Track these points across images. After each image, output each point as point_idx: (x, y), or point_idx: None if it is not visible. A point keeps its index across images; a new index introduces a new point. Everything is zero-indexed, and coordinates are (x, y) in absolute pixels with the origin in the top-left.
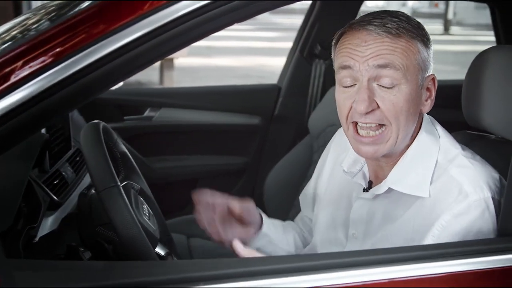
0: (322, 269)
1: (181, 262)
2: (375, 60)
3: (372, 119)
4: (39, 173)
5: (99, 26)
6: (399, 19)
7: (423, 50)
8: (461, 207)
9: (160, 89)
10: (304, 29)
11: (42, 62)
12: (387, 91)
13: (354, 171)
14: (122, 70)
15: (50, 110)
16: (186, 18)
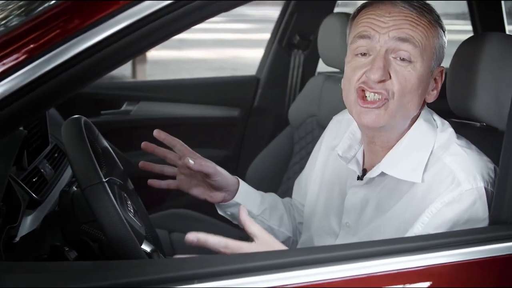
0: (311, 264)
1: (171, 260)
2: (396, 32)
3: (381, 89)
4: (17, 171)
5: (74, 21)
6: (426, 4)
7: (441, 38)
8: (453, 196)
9: (138, 83)
10: (282, 19)
11: (16, 60)
12: (402, 65)
13: (349, 157)
14: (100, 66)
15: (27, 110)
16: (166, 11)
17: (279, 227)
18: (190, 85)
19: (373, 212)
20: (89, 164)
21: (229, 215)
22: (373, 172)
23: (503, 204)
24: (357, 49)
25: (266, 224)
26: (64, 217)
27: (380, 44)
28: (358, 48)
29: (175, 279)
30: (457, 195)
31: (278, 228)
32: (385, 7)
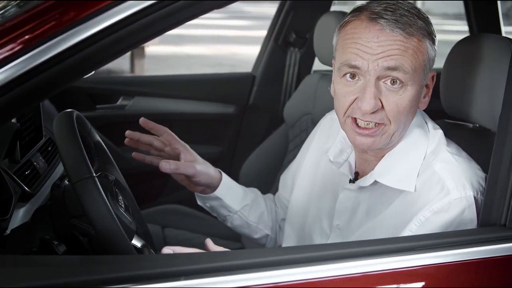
0: (302, 262)
1: (158, 256)
2: (385, 61)
3: (373, 119)
4: (10, 163)
5: (70, 12)
6: (411, 13)
7: (430, 49)
8: (442, 204)
9: (134, 78)
10: (279, 17)
11: (11, 50)
12: (393, 92)
13: (340, 161)
14: (94, 58)
15: (21, 100)
16: (162, 5)
17: (257, 224)
18: (185, 81)
19: (364, 215)
20: (80, 158)
21: (208, 207)
22: (366, 181)
23: (493, 206)
24: (346, 76)
25: (244, 220)
26: (55, 210)
27: (370, 74)
28: (347, 74)
29: (162, 275)
30: (446, 203)
31: (256, 225)
32: (372, 29)
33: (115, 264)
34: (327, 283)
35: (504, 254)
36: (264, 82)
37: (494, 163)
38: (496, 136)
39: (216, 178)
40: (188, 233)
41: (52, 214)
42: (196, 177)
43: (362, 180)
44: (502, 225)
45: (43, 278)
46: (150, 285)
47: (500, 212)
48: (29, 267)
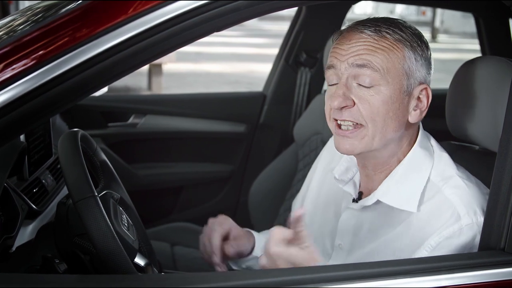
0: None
1: (153, 276)
2: (354, 58)
3: (347, 116)
4: (18, 181)
5: (82, 29)
6: (394, 25)
7: (411, 57)
8: (453, 230)
9: (145, 96)
10: (290, 36)
11: (25, 65)
12: (364, 90)
13: (345, 179)
14: (105, 74)
15: (32, 115)
16: (172, 23)
17: None
18: (197, 100)
19: (366, 236)
20: (82, 178)
21: (244, 268)
22: (369, 200)
23: (492, 230)
24: (329, 79)
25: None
26: (58, 228)
27: (341, 72)
28: (329, 78)
29: None
30: (457, 229)
31: None
32: (348, 35)
33: (108, 283)
34: None
35: (501, 279)
36: (274, 101)
37: (494, 187)
38: (496, 159)
39: (250, 241)
40: (197, 252)
41: (56, 232)
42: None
43: (365, 199)
44: (501, 249)
45: None
46: None
47: (500, 236)
48: (27, 285)
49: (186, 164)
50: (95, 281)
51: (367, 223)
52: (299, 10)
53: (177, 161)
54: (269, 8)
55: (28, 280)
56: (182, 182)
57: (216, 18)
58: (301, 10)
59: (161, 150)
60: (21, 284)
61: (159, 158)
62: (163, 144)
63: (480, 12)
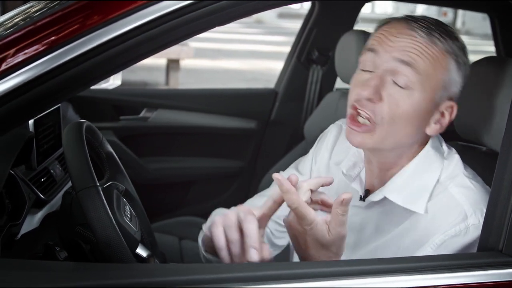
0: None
1: (148, 266)
2: (400, 53)
3: (368, 110)
4: (26, 170)
5: (93, 16)
6: (447, 33)
7: (453, 71)
8: (459, 228)
9: (157, 90)
10: (302, 34)
11: (36, 50)
12: (398, 90)
13: (353, 175)
14: (113, 62)
15: (40, 99)
16: (180, 13)
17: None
18: (208, 95)
19: (372, 233)
20: (85, 168)
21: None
22: (376, 196)
23: (491, 231)
24: (363, 62)
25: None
26: (62, 217)
27: (381, 61)
28: (364, 62)
29: (147, 285)
30: (463, 228)
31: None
32: (399, 27)
33: (103, 272)
34: None
35: (497, 280)
36: (286, 98)
37: (494, 187)
38: (498, 160)
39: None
40: None
41: (59, 221)
42: None
43: (372, 195)
44: (499, 251)
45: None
46: None
47: (498, 238)
48: (22, 271)
49: (196, 159)
50: (88, 268)
51: (372, 221)
52: (312, 8)
53: (187, 155)
54: (254, 8)
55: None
56: (191, 177)
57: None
58: (314, 8)
59: (172, 145)
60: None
61: (169, 152)
62: (174, 139)
63: (496, 13)
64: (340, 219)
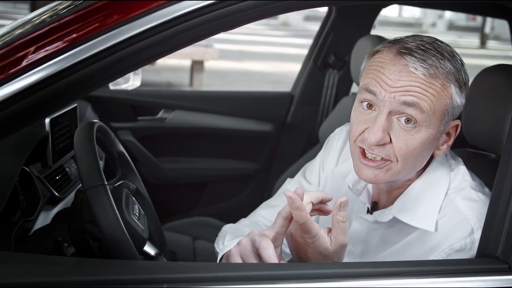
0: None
1: (147, 263)
2: (403, 95)
3: (379, 152)
4: (42, 168)
5: (113, 16)
6: (443, 57)
7: (456, 96)
8: (465, 243)
9: (174, 92)
10: (319, 38)
11: (56, 47)
12: (405, 130)
13: (359, 189)
14: (130, 60)
15: (58, 95)
16: (196, 14)
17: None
18: (225, 97)
19: (378, 244)
20: (93, 167)
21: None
22: (384, 217)
23: (490, 238)
24: (362, 101)
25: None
26: (72, 214)
27: (384, 104)
28: (363, 101)
29: (147, 281)
30: (469, 243)
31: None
32: (397, 63)
33: (105, 267)
34: None
35: (491, 286)
36: (302, 102)
37: (494, 194)
38: (498, 169)
39: None
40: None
41: (70, 218)
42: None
43: (380, 214)
44: (495, 257)
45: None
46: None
47: (496, 244)
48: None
49: (212, 160)
50: (88, 264)
51: (379, 233)
52: (329, 12)
53: (203, 157)
54: (276, 10)
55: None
56: (207, 178)
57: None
58: (331, 13)
59: (188, 145)
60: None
61: (185, 153)
62: (190, 140)
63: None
64: (342, 226)
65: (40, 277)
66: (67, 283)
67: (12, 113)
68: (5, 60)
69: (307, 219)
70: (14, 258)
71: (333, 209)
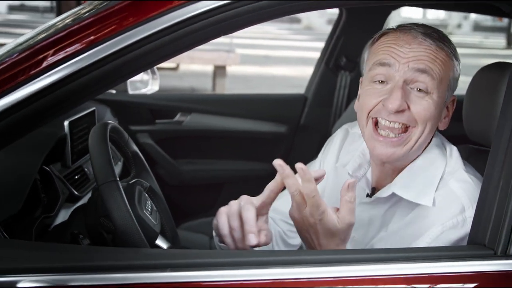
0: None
1: (151, 250)
2: (416, 63)
3: (399, 119)
4: (62, 167)
5: (129, 18)
6: (444, 37)
7: (456, 70)
8: (457, 220)
9: (191, 95)
10: (331, 41)
11: (75, 48)
12: (419, 96)
13: (358, 176)
14: (143, 59)
15: (76, 93)
16: (205, 16)
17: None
18: (240, 100)
19: (378, 227)
20: (106, 164)
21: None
22: (384, 192)
23: (480, 226)
24: (376, 76)
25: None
26: (89, 210)
27: (399, 74)
28: (377, 76)
29: (153, 266)
30: (461, 220)
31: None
32: (405, 38)
33: (114, 254)
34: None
35: (478, 270)
36: (315, 103)
37: (484, 184)
38: (488, 159)
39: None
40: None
41: (86, 212)
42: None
43: (380, 192)
44: (483, 245)
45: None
46: (144, 273)
47: (485, 232)
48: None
49: (228, 161)
50: (99, 251)
51: (379, 216)
52: (339, 16)
53: (220, 158)
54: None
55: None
56: (223, 179)
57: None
58: (341, 16)
59: (205, 147)
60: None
61: (202, 154)
62: (207, 142)
63: None
64: (350, 206)
65: (55, 263)
66: (80, 267)
67: (30, 112)
68: (26, 62)
69: (316, 192)
70: (34, 246)
71: (341, 191)
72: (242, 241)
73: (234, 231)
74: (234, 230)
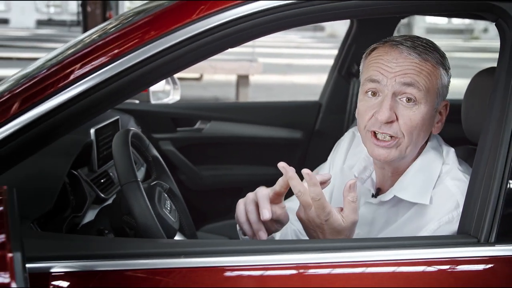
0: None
1: (167, 240)
2: (402, 77)
3: (388, 130)
4: (89, 172)
5: (151, 32)
6: (428, 45)
7: (444, 77)
8: (452, 216)
9: (211, 104)
10: (343, 49)
11: (100, 61)
12: (407, 107)
13: (364, 177)
14: (164, 69)
15: (108, 99)
16: (218, 29)
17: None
18: (257, 108)
19: (382, 225)
20: (128, 166)
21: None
22: (386, 196)
23: (466, 217)
24: (367, 91)
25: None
26: (113, 208)
27: (388, 88)
28: (368, 90)
29: (169, 254)
30: (455, 215)
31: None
32: (393, 53)
33: (135, 244)
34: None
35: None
36: (329, 110)
37: (471, 180)
38: (475, 155)
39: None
40: None
41: (111, 211)
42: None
43: (383, 195)
44: (468, 234)
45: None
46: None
47: (471, 223)
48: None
49: (246, 167)
50: (121, 241)
51: (383, 215)
52: (350, 26)
53: (238, 164)
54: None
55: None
56: (241, 183)
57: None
58: (352, 26)
59: (224, 154)
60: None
61: (221, 160)
62: (226, 148)
63: None
64: (352, 206)
65: (84, 251)
66: (106, 255)
67: (57, 122)
68: (55, 76)
69: (322, 195)
70: (65, 237)
71: (344, 192)
72: (258, 223)
73: (250, 214)
74: (250, 213)
